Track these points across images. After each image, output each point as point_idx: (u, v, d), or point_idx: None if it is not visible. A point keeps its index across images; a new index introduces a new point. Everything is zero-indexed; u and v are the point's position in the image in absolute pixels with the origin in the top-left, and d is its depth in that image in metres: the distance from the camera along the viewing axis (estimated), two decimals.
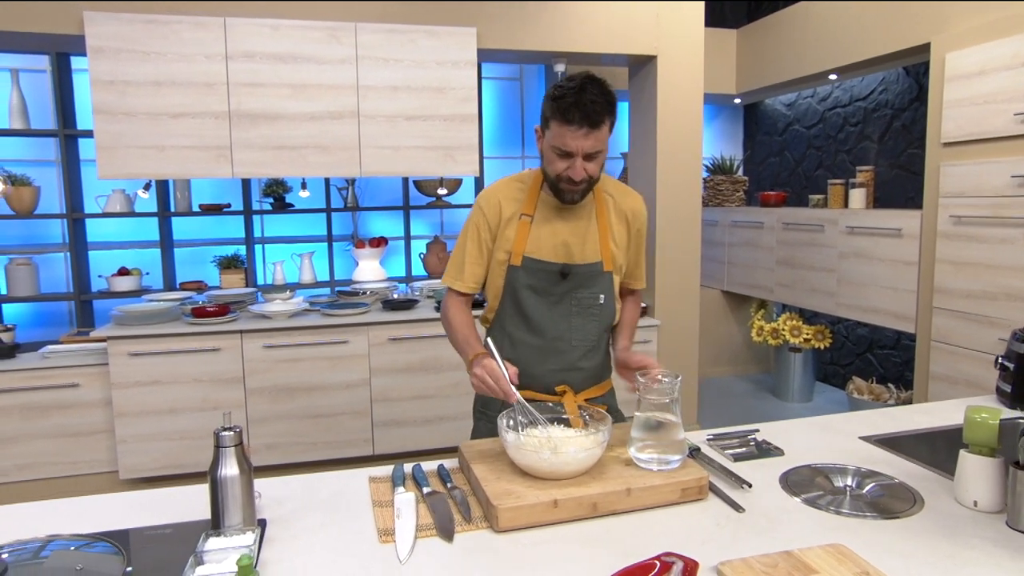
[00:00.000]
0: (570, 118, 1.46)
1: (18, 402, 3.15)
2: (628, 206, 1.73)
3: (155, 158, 3.14)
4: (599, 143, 1.51)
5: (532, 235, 1.64)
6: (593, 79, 1.50)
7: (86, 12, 2.98)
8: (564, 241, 1.65)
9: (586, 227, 1.67)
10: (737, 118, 5.72)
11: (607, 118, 1.50)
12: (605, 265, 1.68)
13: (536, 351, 1.68)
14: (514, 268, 1.65)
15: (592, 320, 1.70)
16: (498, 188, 1.69)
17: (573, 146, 1.49)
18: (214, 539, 1.13)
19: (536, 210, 1.65)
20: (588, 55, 3.71)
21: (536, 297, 1.66)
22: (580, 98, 1.45)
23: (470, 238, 1.67)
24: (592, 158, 1.53)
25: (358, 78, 3.29)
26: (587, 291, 1.67)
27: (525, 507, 1.25)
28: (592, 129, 1.48)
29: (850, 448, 1.62)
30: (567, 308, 1.68)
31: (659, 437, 1.40)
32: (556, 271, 1.64)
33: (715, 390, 4.96)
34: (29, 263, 4.11)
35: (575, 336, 1.69)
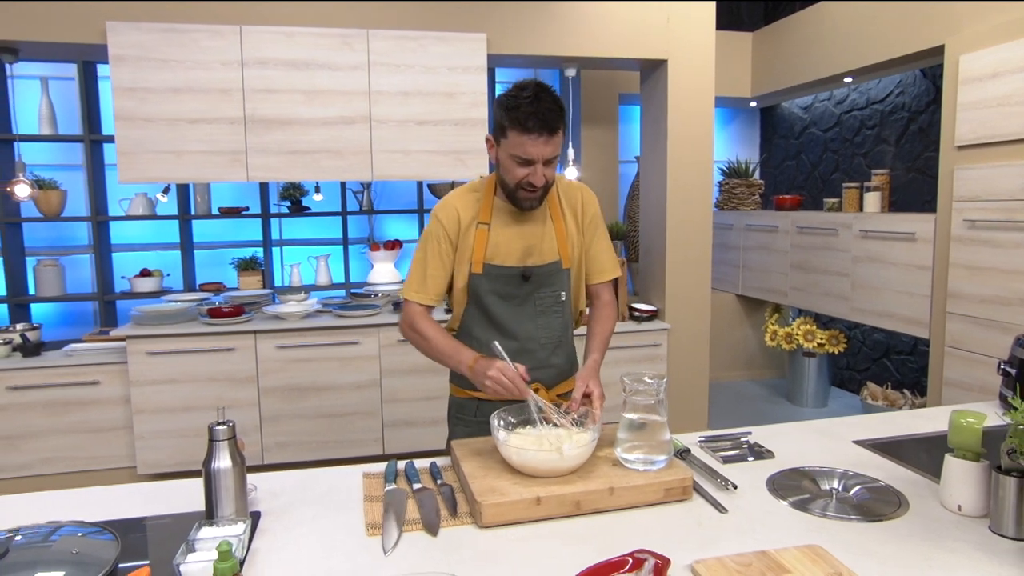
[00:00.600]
0: (529, 127, 1.50)
1: (42, 398, 3.26)
2: (576, 196, 1.76)
3: (173, 163, 3.23)
4: (556, 148, 1.56)
5: (491, 242, 1.67)
6: (544, 87, 1.54)
7: (108, 22, 3.08)
8: (522, 245, 1.68)
9: (541, 228, 1.70)
10: (754, 121, 5.69)
11: (561, 124, 1.54)
12: (564, 263, 1.72)
13: (508, 353, 1.69)
14: (476, 276, 1.68)
15: (556, 317, 1.74)
16: (453, 199, 1.71)
17: (534, 153, 1.53)
18: (207, 528, 1.18)
19: (492, 217, 1.68)
20: (599, 59, 3.73)
21: (501, 301, 1.70)
22: (537, 107, 1.49)
23: (430, 251, 1.68)
24: (550, 163, 1.57)
25: (370, 84, 3.35)
26: (549, 290, 1.72)
27: (508, 503, 1.27)
28: (550, 136, 1.52)
29: (843, 452, 1.62)
30: (531, 308, 1.72)
31: (645, 438, 1.42)
32: (518, 275, 1.68)
33: (729, 394, 4.93)
34: (56, 264, 4.24)
35: (542, 334, 1.73)
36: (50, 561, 1.02)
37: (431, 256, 1.67)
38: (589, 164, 4.85)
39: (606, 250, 1.79)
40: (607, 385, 1.68)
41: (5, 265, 4.10)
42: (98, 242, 4.12)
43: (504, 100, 1.54)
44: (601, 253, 1.78)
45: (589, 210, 1.75)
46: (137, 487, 1.50)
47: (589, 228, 1.75)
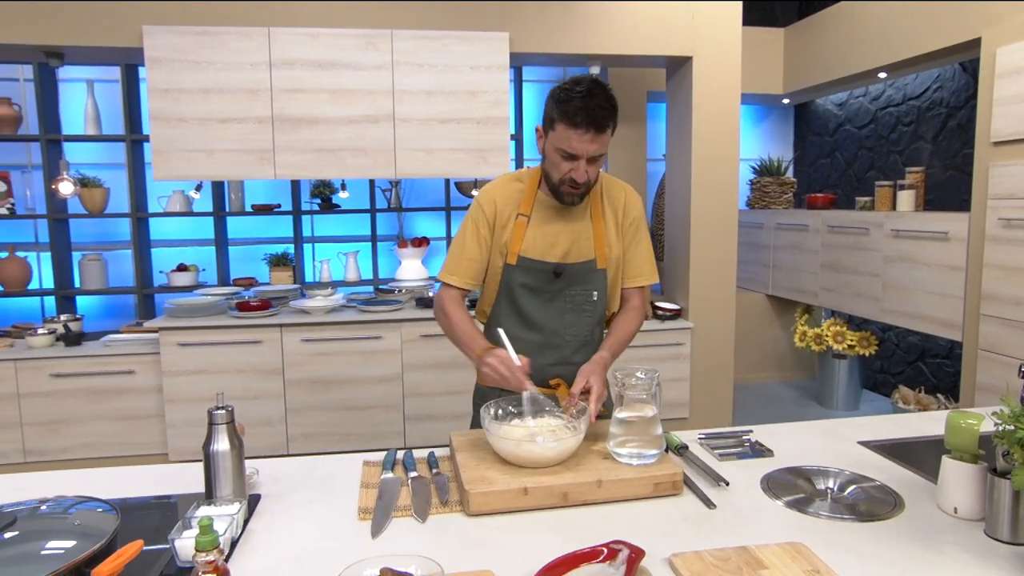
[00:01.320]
0: (577, 122, 1.49)
1: (82, 386, 3.41)
2: (620, 196, 1.74)
3: (204, 161, 3.35)
4: (603, 147, 1.54)
5: (528, 235, 1.68)
6: (599, 84, 1.52)
7: (144, 27, 3.21)
8: (559, 240, 1.68)
9: (581, 226, 1.70)
10: (787, 119, 5.59)
11: (611, 123, 1.53)
12: (599, 263, 1.71)
13: (531, 346, 1.72)
14: (510, 267, 1.69)
15: (585, 316, 1.74)
16: (497, 186, 1.72)
17: (579, 149, 1.52)
18: (205, 508, 1.23)
19: (533, 210, 1.69)
20: (623, 57, 3.72)
21: (531, 295, 1.71)
22: (588, 103, 1.48)
23: (469, 234, 1.70)
24: (594, 161, 1.56)
25: (394, 83, 3.41)
26: (581, 288, 1.71)
27: (496, 493, 1.30)
28: (598, 133, 1.51)
29: (845, 452, 1.60)
30: (561, 305, 1.72)
31: (637, 432, 1.42)
32: (550, 270, 1.68)
33: (757, 396, 4.86)
34: (99, 259, 4.43)
35: (568, 331, 1.73)
36: (55, 531, 1.09)
37: (469, 240, 1.69)
38: (617, 162, 4.83)
39: (644, 255, 1.76)
40: None
41: (53, 259, 4.31)
42: (138, 238, 4.29)
43: (557, 92, 1.54)
44: (638, 257, 1.76)
45: (632, 212, 1.74)
46: (152, 469, 1.58)
47: (630, 231, 1.74)
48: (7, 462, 3.41)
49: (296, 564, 1.14)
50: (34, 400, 3.37)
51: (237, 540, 1.22)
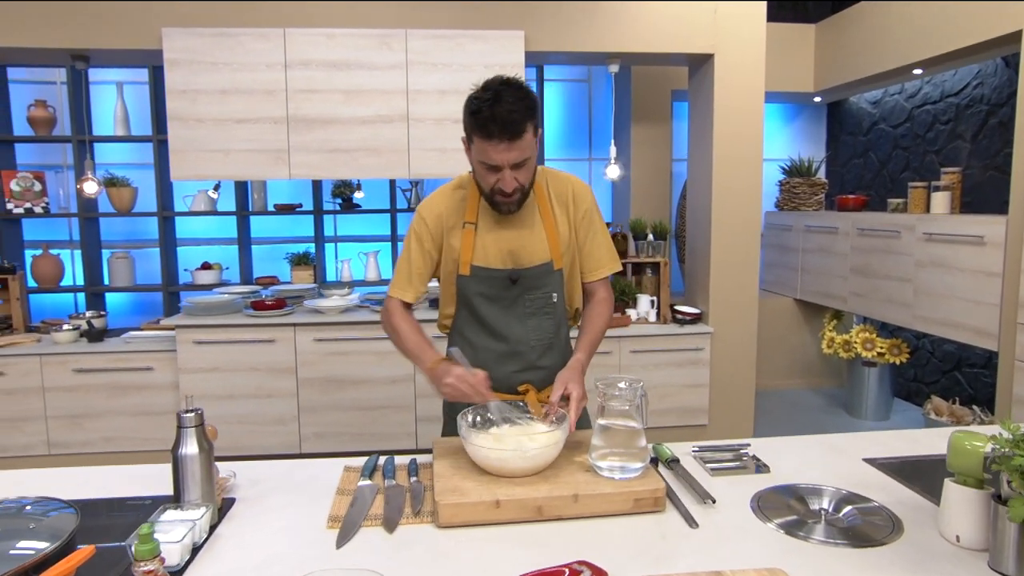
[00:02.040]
0: (490, 132, 1.42)
1: (104, 381, 3.49)
2: (566, 191, 1.67)
3: (221, 161, 3.38)
4: (524, 152, 1.46)
5: (478, 243, 1.62)
6: (508, 84, 1.45)
7: (164, 29, 3.26)
8: (510, 247, 1.62)
9: (531, 228, 1.64)
10: (819, 118, 5.41)
11: (528, 125, 1.44)
12: (555, 264, 1.65)
13: (496, 354, 1.68)
14: (463, 277, 1.64)
15: (547, 319, 1.69)
16: (439, 197, 1.66)
17: (498, 159, 1.45)
18: (171, 511, 1.22)
19: (479, 217, 1.63)
20: (642, 55, 3.64)
21: (489, 303, 1.66)
22: (496, 110, 1.40)
23: (414, 250, 1.64)
24: (520, 166, 1.49)
25: (407, 83, 3.39)
26: (539, 291, 1.66)
27: (467, 505, 1.26)
28: (514, 140, 1.43)
29: (847, 470, 1.51)
30: (521, 310, 1.67)
31: (619, 444, 1.37)
32: (505, 277, 1.63)
33: (784, 403, 4.71)
34: (127, 257, 4.54)
35: (532, 336, 1.68)
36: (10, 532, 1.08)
37: (415, 255, 1.65)
38: (639, 162, 4.74)
39: (602, 245, 1.70)
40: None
41: (83, 257, 4.43)
42: (164, 236, 4.37)
43: (468, 102, 1.47)
44: (597, 249, 1.70)
45: (581, 204, 1.67)
46: (135, 468, 1.58)
47: (583, 223, 1.67)
48: (33, 454, 3.50)
49: (254, 572, 1.12)
50: (58, 394, 3.46)
51: (201, 545, 1.20)
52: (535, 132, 1.49)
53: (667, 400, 3.74)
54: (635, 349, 3.68)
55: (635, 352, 3.68)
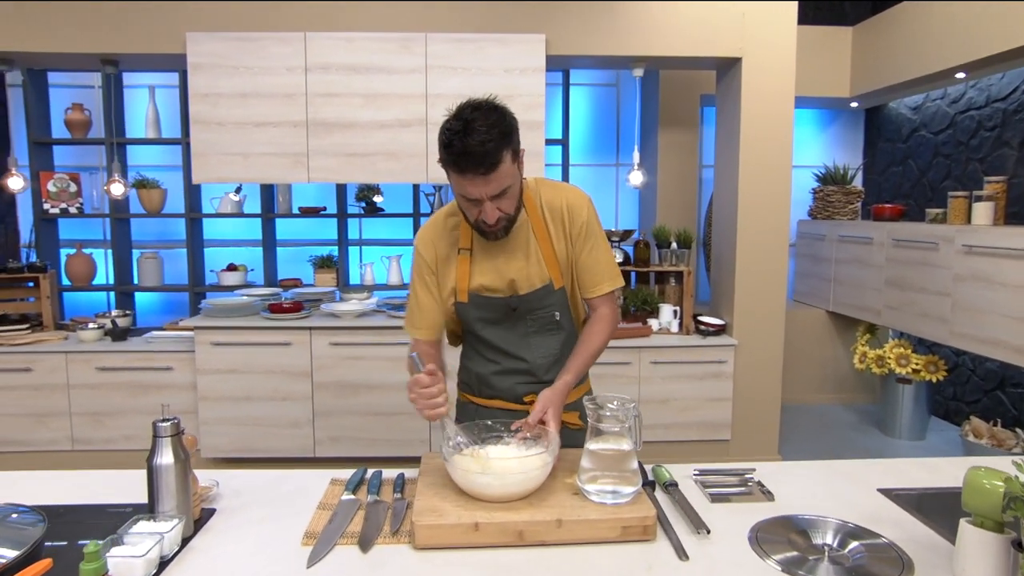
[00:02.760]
0: (463, 167, 1.35)
1: (126, 380, 3.54)
2: (560, 203, 1.57)
3: (241, 164, 3.41)
4: (502, 182, 1.38)
5: (475, 269, 1.57)
6: (479, 110, 1.36)
7: (188, 33, 3.30)
8: (507, 270, 1.56)
9: (526, 250, 1.56)
10: (857, 124, 5.22)
11: (503, 153, 1.35)
12: (555, 284, 1.58)
13: (502, 370, 1.65)
14: (461, 304, 1.59)
15: (551, 336, 1.63)
16: (431, 227, 1.61)
17: (474, 193, 1.38)
18: (143, 523, 1.20)
19: (473, 242, 1.57)
20: (667, 59, 3.55)
21: (491, 326, 1.61)
22: (466, 143, 1.31)
23: (418, 286, 1.61)
24: (501, 196, 1.41)
25: (427, 87, 3.37)
26: (541, 311, 1.60)
27: (445, 527, 1.20)
28: (490, 172, 1.35)
29: (858, 501, 1.41)
30: (523, 329, 1.62)
31: (610, 467, 1.30)
32: (503, 304, 1.58)
33: (814, 419, 4.54)
34: (155, 257, 4.62)
35: (536, 354, 1.63)
36: None
37: (420, 292, 1.60)
38: (667, 168, 4.63)
39: (601, 261, 1.61)
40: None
41: (113, 256, 4.52)
42: (191, 237, 4.43)
43: (440, 133, 1.38)
44: (595, 264, 1.60)
45: (577, 219, 1.58)
46: (126, 474, 1.57)
47: (579, 239, 1.59)
48: (57, 449, 3.57)
49: None
50: (82, 391, 3.52)
51: (171, 559, 1.17)
52: (514, 158, 1.40)
53: (688, 414, 3.63)
54: (655, 360, 3.59)
55: (655, 363, 3.59)
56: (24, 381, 3.50)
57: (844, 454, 3.96)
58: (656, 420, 3.63)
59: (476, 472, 1.27)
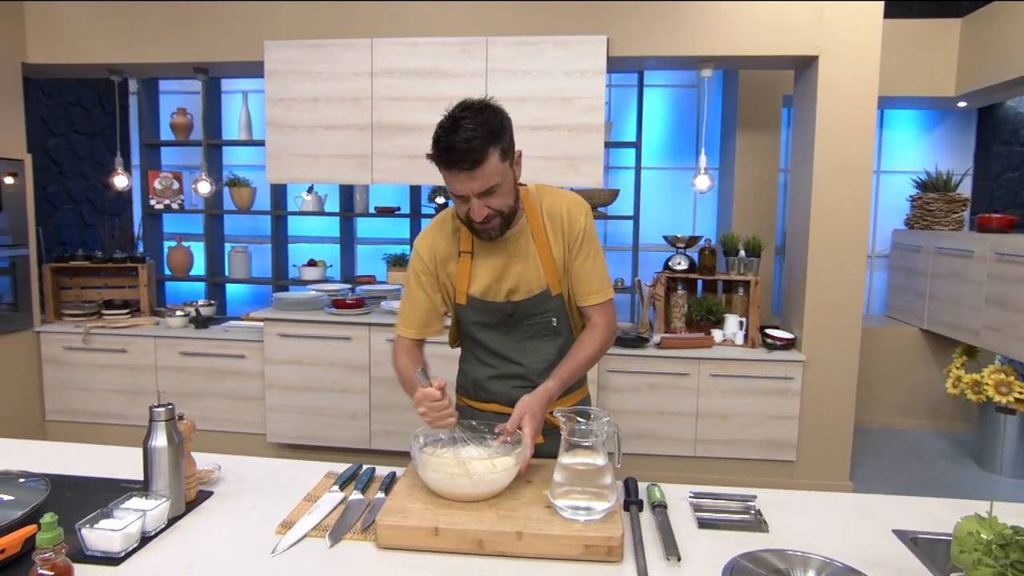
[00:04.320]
0: (448, 163, 1.37)
1: (205, 364, 3.81)
2: (560, 209, 1.56)
3: (311, 165, 3.58)
4: (488, 180, 1.38)
5: (474, 272, 1.57)
6: (469, 108, 1.38)
7: (266, 41, 3.50)
8: (506, 275, 1.56)
9: (525, 255, 1.56)
10: (967, 125, 4.76)
11: (489, 150, 1.36)
12: (552, 290, 1.57)
13: (498, 375, 1.65)
14: (460, 307, 1.61)
15: (548, 341, 1.62)
16: (431, 230, 1.63)
17: (460, 189, 1.40)
18: (135, 499, 1.29)
19: (474, 244, 1.57)
20: (738, 59, 3.38)
21: (487, 330, 1.62)
22: (452, 140, 1.34)
23: (413, 285, 1.62)
24: (490, 194, 1.41)
25: (487, 90, 3.39)
26: (538, 317, 1.60)
27: (405, 528, 1.21)
28: (474, 169, 1.36)
29: (866, 542, 1.29)
30: (521, 334, 1.62)
31: (583, 483, 1.26)
32: (500, 309, 1.58)
33: (902, 445, 4.18)
34: (244, 251, 4.94)
35: (532, 359, 1.62)
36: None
37: (415, 291, 1.62)
38: (744, 173, 4.42)
39: (593, 271, 1.59)
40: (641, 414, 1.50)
41: (207, 249, 4.88)
42: (276, 233, 4.71)
43: (435, 130, 1.41)
44: (588, 274, 1.58)
45: (576, 224, 1.56)
46: None
47: (575, 244, 1.57)
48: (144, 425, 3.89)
49: (183, 569, 1.15)
50: (168, 373, 3.82)
51: (155, 535, 1.25)
52: (503, 157, 1.40)
53: (749, 431, 3.45)
54: (716, 373, 3.43)
55: (715, 376, 3.43)
56: (120, 361, 3.84)
57: (930, 486, 3.62)
58: (714, 435, 3.47)
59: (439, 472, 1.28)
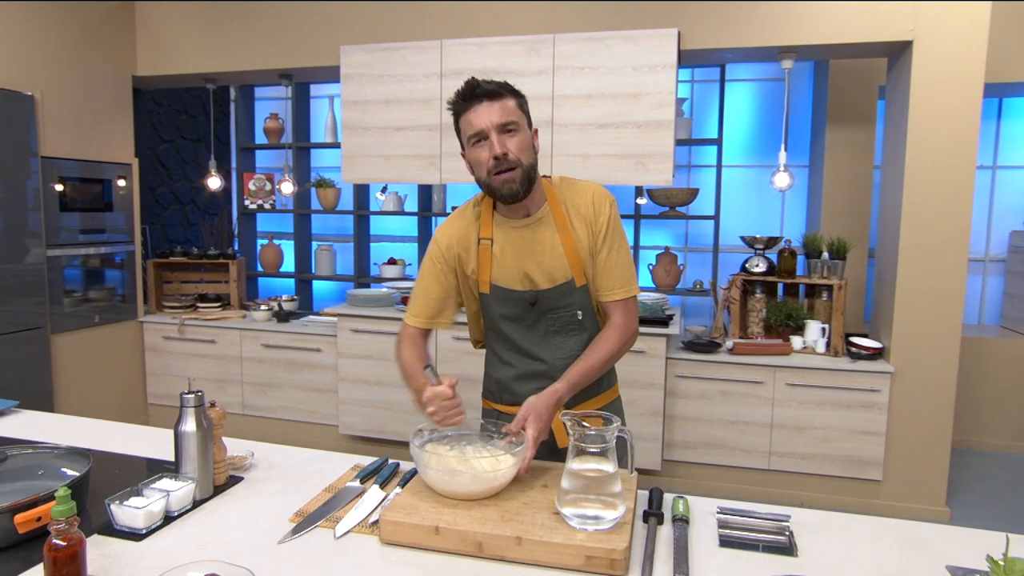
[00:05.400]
0: (467, 99, 1.45)
1: (285, 357, 4.01)
2: (583, 202, 1.54)
3: (383, 165, 3.68)
4: (507, 114, 1.44)
5: (496, 261, 1.55)
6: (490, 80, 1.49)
7: (342, 46, 3.64)
8: (528, 266, 1.53)
9: (549, 243, 1.52)
10: None
11: (507, 93, 1.46)
12: (577, 281, 1.53)
13: (521, 374, 1.62)
14: (484, 296, 1.59)
15: (572, 336, 1.57)
16: (452, 218, 1.63)
17: (481, 122, 1.43)
18: (165, 480, 1.36)
19: (495, 232, 1.55)
20: (818, 47, 3.16)
21: (510, 322, 1.59)
22: (470, 82, 1.46)
23: (427, 273, 1.62)
24: (508, 131, 1.44)
25: (554, 88, 3.36)
26: (562, 310, 1.55)
27: (407, 525, 1.21)
28: (493, 100, 1.44)
29: (908, 574, 1.16)
30: (544, 328, 1.58)
31: (591, 490, 1.20)
32: (523, 299, 1.54)
33: (1013, 469, 3.77)
34: (330, 249, 5.16)
35: (555, 355, 1.58)
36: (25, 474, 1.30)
37: (428, 279, 1.62)
38: (834, 170, 4.14)
39: (618, 264, 1.54)
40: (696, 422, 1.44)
41: (295, 247, 5.13)
42: (358, 232, 4.88)
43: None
44: (612, 268, 1.53)
45: (601, 215, 1.53)
46: None
47: (600, 236, 1.53)
48: (231, 412, 4.14)
49: (196, 549, 1.19)
50: (251, 364, 4.05)
51: (178, 516, 1.31)
52: (521, 107, 1.49)
53: (829, 445, 3.22)
54: (793, 382, 3.23)
55: (792, 385, 3.23)
56: (210, 351, 4.11)
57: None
58: (790, 448, 3.27)
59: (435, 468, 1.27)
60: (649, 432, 3.37)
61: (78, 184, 3.77)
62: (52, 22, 3.56)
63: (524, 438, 1.36)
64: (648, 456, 3.39)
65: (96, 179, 3.90)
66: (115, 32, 3.97)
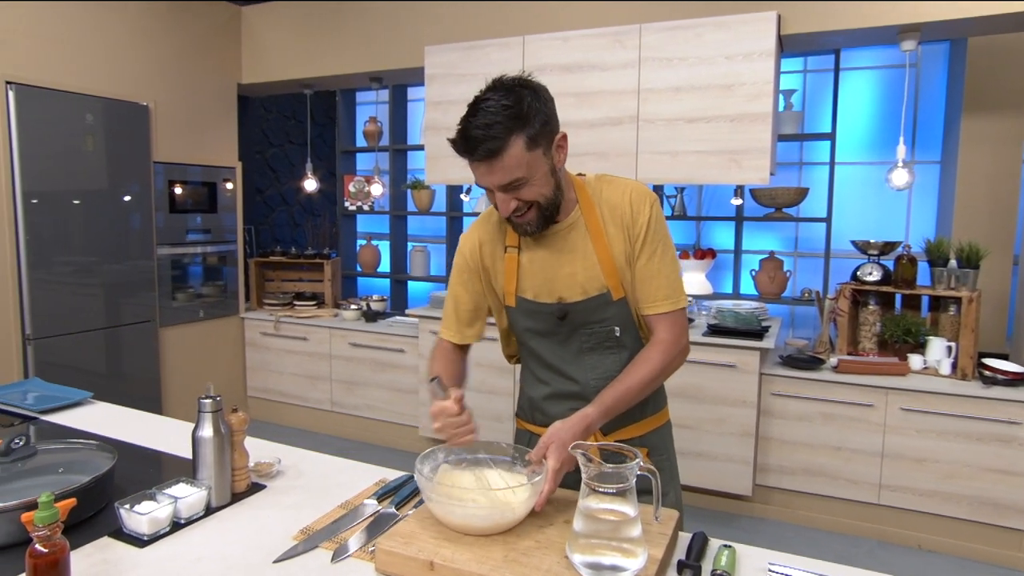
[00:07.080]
0: (464, 152, 1.23)
1: (371, 356, 4.06)
2: (622, 201, 1.35)
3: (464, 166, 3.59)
4: (510, 172, 1.22)
5: (522, 271, 1.40)
6: (495, 89, 1.25)
7: (426, 47, 3.62)
8: (556, 276, 1.36)
9: (581, 252, 1.35)
10: None
11: (510, 139, 1.20)
12: (613, 293, 1.34)
13: (553, 394, 1.46)
14: (510, 309, 1.44)
15: (610, 355, 1.39)
16: (476, 225, 1.48)
17: (482, 182, 1.26)
18: (181, 485, 1.34)
19: (521, 240, 1.39)
20: (944, 23, 2.75)
21: (540, 338, 1.43)
22: (467, 126, 1.21)
23: (456, 284, 1.49)
24: (515, 187, 1.23)
25: (639, 81, 3.15)
26: (597, 325, 1.37)
27: (401, 556, 1.10)
28: (493, 160, 1.21)
29: None
30: (577, 345, 1.40)
31: (606, 535, 1.04)
32: (552, 312, 1.38)
33: None
34: (424, 250, 5.21)
35: (590, 375, 1.40)
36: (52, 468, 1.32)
37: (458, 290, 1.50)
38: (970, 166, 3.61)
39: (660, 272, 1.34)
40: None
41: (391, 248, 5.23)
42: (451, 234, 4.89)
43: None
44: (653, 276, 1.34)
45: (639, 217, 1.34)
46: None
47: (638, 240, 1.34)
48: (321, 408, 4.28)
49: (190, 563, 1.15)
50: (340, 362, 4.15)
51: (188, 523, 1.28)
52: (531, 145, 1.23)
53: (954, 483, 2.79)
54: (908, 407, 2.83)
55: (907, 411, 2.83)
56: (302, 348, 4.25)
57: None
58: (905, 482, 2.87)
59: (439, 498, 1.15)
60: (739, 454, 3.09)
61: (187, 187, 4.02)
62: (164, 35, 3.81)
63: (545, 468, 1.21)
64: (738, 480, 3.11)
65: (204, 182, 4.14)
66: (222, 41, 4.20)
